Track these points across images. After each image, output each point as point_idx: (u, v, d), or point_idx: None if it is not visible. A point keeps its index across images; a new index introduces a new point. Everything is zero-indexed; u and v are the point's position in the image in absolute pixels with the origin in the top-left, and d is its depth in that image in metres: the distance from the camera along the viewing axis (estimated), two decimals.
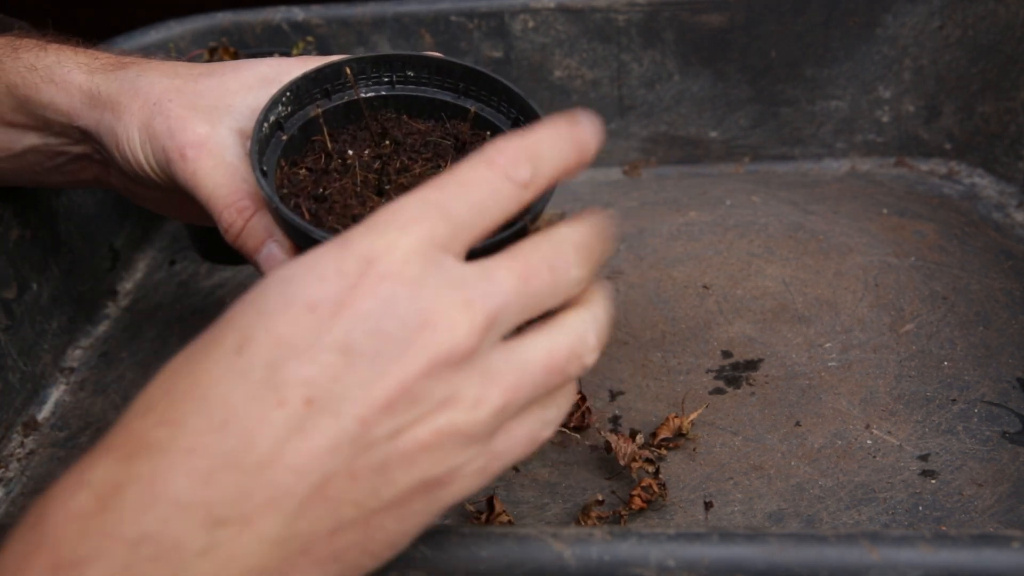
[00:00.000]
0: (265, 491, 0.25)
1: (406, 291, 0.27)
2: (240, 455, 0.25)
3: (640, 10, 0.69)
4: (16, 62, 0.44)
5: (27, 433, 0.53)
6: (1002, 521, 0.42)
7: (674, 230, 0.65)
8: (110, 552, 0.24)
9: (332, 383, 0.26)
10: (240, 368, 0.26)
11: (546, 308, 0.30)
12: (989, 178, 0.68)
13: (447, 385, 0.27)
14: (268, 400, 0.25)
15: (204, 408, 0.25)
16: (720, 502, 0.44)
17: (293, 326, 0.26)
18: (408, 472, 0.27)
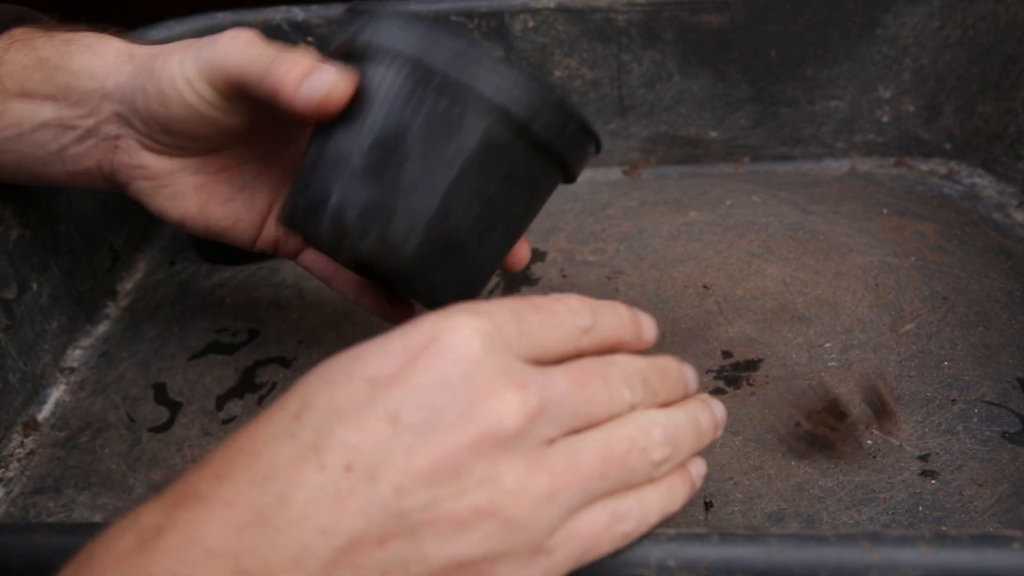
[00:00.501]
0: (291, 549, 0.25)
1: (463, 367, 0.27)
2: (273, 511, 0.25)
3: (640, 10, 0.69)
4: (51, 39, 0.44)
5: (27, 433, 0.53)
6: (1002, 521, 0.42)
7: (674, 230, 0.65)
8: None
9: (374, 449, 0.26)
10: (293, 431, 0.27)
11: (599, 420, 0.30)
12: (989, 178, 0.68)
13: (491, 464, 0.27)
14: (311, 462, 0.26)
15: (253, 464, 0.26)
16: (720, 502, 0.44)
17: (349, 395, 0.27)
18: (440, 547, 0.26)
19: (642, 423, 0.31)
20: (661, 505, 0.31)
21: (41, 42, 0.44)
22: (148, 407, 0.54)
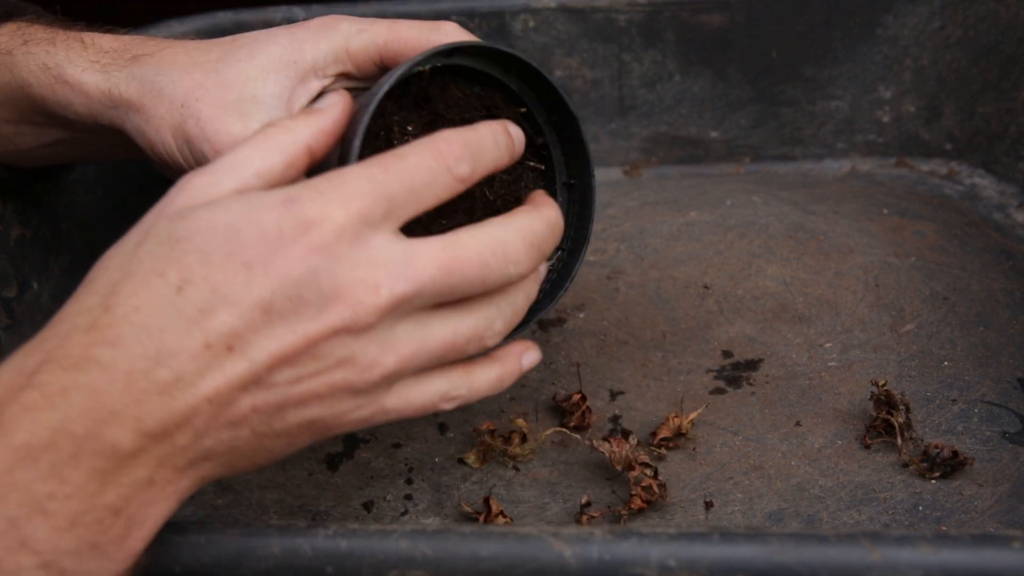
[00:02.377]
0: (184, 413, 0.30)
1: (328, 265, 0.31)
2: (168, 384, 0.30)
3: (641, 10, 0.69)
4: (27, 58, 0.43)
5: None
6: (1002, 521, 0.42)
7: (674, 230, 0.65)
8: (59, 444, 0.28)
9: (250, 334, 0.31)
10: (177, 306, 0.30)
11: (467, 296, 0.34)
12: (990, 178, 0.68)
13: (345, 349, 0.32)
14: (197, 340, 0.30)
15: (142, 337, 0.30)
16: (720, 502, 0.44)
17: (229, 279, 0.31)
18: (299, 413, 0.32)
19: (491, 314, 0.35)
20: (488, 388, 0.37)
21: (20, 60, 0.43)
22: None
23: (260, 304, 0.31)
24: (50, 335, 0.31)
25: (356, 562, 0.32)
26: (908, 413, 0.46)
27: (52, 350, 0.30)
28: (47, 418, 0.28)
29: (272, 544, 0.32)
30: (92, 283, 0.32)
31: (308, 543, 0.32)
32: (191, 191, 0.33)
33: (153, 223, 0.32)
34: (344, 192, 0.32)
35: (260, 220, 0.31)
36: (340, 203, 0.31)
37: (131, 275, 0.31)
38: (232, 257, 0.31)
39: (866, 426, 0.48)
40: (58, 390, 0.29)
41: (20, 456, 0.28)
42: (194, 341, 0.30)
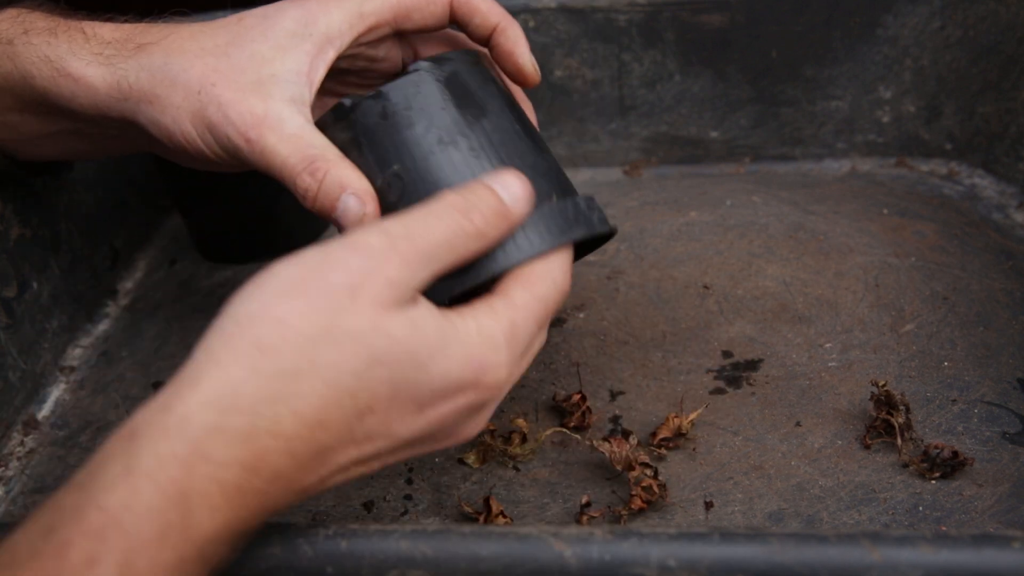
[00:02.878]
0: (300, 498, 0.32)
1: (469, 415, 0.36)
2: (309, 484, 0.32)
3: (641, 10, 0.69)
4: (28, 48, 0.42)
5: (27, 432, 0.53)
6: (1002, 521, 0.42)
7: (674, 230, 0.65)
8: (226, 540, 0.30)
9: (388, 455, 0.34)
10: (352, 429, 0.32)
11: None
12: (989, 178, 0.68)
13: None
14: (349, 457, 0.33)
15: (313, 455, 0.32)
16: (720, 502, 0.44)
17: (402, 419, 0.33)
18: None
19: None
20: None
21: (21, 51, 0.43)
22: None
23: (408, 439, 0.34)
24: (233, 422, 0.30)
25: (356, 562, 0.32)
26: (908, 413, 0.46)
27: (237, 442, 0.30)
28: (224, 518, 0.29)
29: (272, 544, 0.32)
30: (281, 371, 0.31)
31: (308, 543, 0.32)
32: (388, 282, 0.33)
33: (355, 319, 0.32)
34: (517, 353, 0.36)
35: (449, 373, 0.33)
36: (510, 371, 0.35)
37: (329, 385, 0.31)
38: (414, 401, 0.33)
39: (866, 426, 0.48)
40: (235, 491, 0.29)
41: (196, 554, 0.28)
42: (347, 458, 0.32)
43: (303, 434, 0.30)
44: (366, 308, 0.32)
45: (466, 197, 0.35)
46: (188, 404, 0.29)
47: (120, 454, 0.29)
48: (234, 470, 0.29)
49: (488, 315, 0.35)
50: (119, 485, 0.28)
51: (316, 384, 0.31)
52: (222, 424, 0.29)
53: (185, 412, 0.29)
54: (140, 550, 0.27)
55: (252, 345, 0.31)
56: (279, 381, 0.30)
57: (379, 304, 0.32)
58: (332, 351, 0.31)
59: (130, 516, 0.27)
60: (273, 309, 0.31)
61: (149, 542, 0.27)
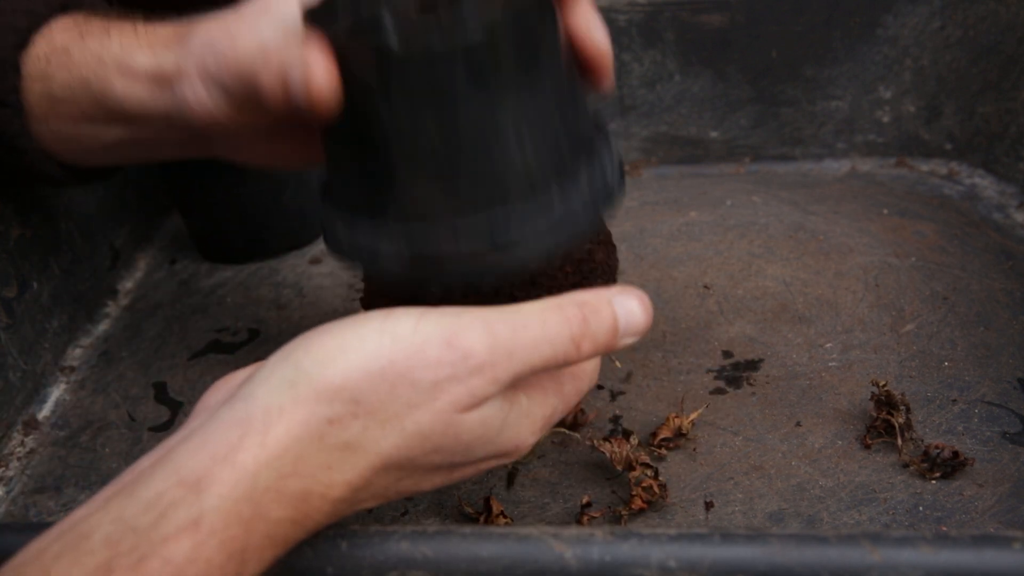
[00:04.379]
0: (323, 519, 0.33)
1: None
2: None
3: (641, 10, 0.69)
4: (85, 53, 0.43)
5: (27, 432, 0.53)
6: (1003, 522, 0.42)
7: (674, 230, 0.65)
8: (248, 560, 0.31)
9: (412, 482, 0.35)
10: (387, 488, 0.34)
11: None
12: (989, 178, 0.68)
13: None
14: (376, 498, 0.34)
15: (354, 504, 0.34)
16: (721, 502, 0.44)
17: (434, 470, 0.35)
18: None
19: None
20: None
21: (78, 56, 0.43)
22: (149, 406, 0.54)
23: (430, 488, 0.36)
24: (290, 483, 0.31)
25: (356, 562, 0.32)
26: (908, 413, 0.46)
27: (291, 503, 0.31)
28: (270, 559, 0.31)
29: None
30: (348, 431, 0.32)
31: (308, 543, 0.32)
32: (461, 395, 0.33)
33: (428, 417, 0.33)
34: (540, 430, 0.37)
35: (490, 452, 0.35)
36: (532, 437, 0.37)
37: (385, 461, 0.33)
38: (451, 468, 0.35)
39: (866, 426, 0.48)
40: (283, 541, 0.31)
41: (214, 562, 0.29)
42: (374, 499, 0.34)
43: (347, 496, 0.32)
44: (442, 410, 0.33)
45: (588, 319, 0.35)
46: (256, 459, 0.30)
47: (183, 504, 0.29)
48: (285, 526, 0.31)
49: (540, 402, 0.37)
50: (184, 539, 0.29)
51: (372, 459, 0.32)
52: (281, 487, 0.31)
53: (253, 470, 0.30)
54: None
55: (324, 412, 0.32)
56: (340, 452, 0.32)
57: (455, 408, 0.33)
58: (396, 438, 0.32)
59: (193, 569, 0.28)
60: (350, 380, 0.32)
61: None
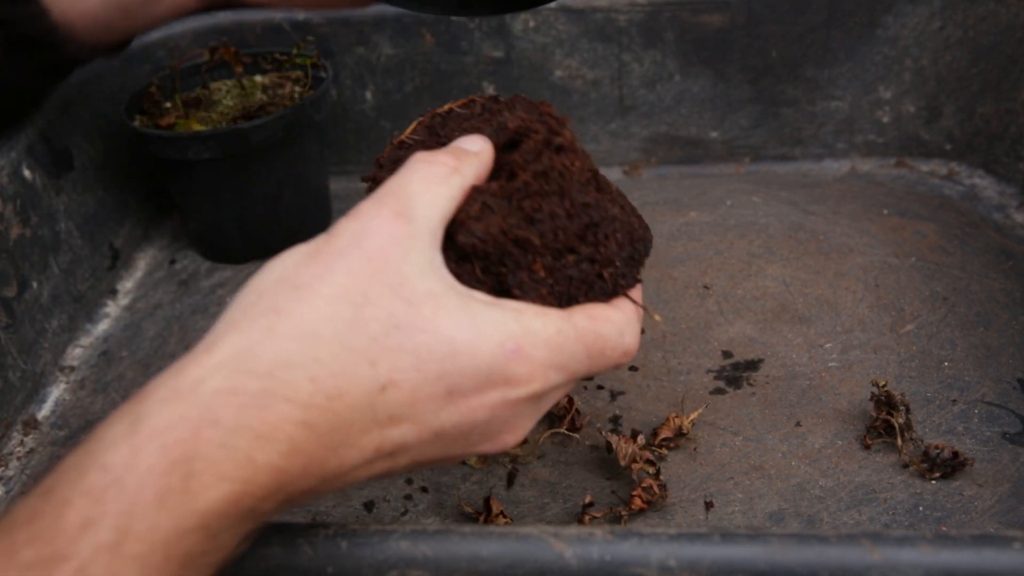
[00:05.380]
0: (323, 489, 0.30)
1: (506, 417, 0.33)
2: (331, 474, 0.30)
3: (641, 10, 0.69)
4: None
5: (27, 432, 0.53)
6: (1002, 522, 0.42)
7: (674, 230, 0.65)
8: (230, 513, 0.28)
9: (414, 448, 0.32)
10: (374, 405, 0.30)
11: None
12: (989, 179, 0.68)
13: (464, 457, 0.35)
14: (373, 442, 0.30)
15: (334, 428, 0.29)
16: (721, 502, 0.44)
17: (429, 400, 0.31)
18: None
19: None
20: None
21: None
22: None
23: (439, 430, 0.32)
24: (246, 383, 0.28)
25: (356, 562, 0.32)
26: (908, 413, 0.46)
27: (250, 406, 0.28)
28: (230, 489, 0.27)
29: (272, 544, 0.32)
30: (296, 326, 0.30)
31: (308, 543, 0.32)
32: (400, 245, 0.32)
33: (371, 285, 0.31)
34: (556, 364, 0.33)
35: (478, 352, 0.31)
36: (545, 374, 0.33)
37: (346, 348, 0.30)
38: (441, 379, 0.31)
39: (866, 426, 0.48)
40: (245, 460, 0.27)
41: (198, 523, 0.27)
42: (371, 442, 0.30)
43: (320, 403, 0.29)
44: (387, 273, 0.31)
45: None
46: (202, 366, 0.28)
47: (127, 414, 0.27)
48: (246, 437, 0.27)
49: (537, 314, 0.33)
50: (122, 444, 0.27)
51: (333, 346, 0.29)
52: (235, 387, 0.28)
53: (198, 375, 0.28)
54: (138, 513, 0.26)
55: (270, 308, 0.30)
56: (296, 342, 0.29)
57: (404, 273, 0.31)
58: (348, 311, 0.30)
59: (131, 476, 0.26)
60: (294, 276, 0.31)
61: (148, 504, 0.26)
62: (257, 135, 0.60)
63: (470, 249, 0.33)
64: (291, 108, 0.61)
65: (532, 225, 0.34)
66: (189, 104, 0.65)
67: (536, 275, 0.34)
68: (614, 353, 0.35)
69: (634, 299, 0.37)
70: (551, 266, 0.35)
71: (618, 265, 0.36)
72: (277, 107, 0.63)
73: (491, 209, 0.34)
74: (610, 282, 0.36)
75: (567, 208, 0.35)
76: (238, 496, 0.27)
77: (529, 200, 0.35)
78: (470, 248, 0.33)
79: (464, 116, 0.39)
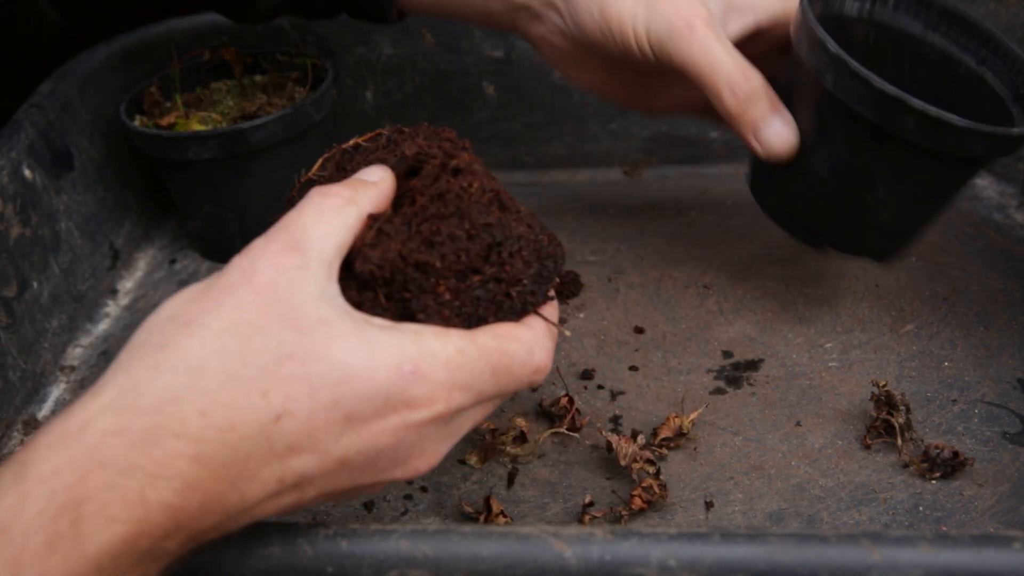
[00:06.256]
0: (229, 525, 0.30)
1: (413, 441, 0.32)
2: (234, 509, 0.30)
3: None
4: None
5: (27, 432, 0.53)
6: (1002, 521, 0.42)
7: (674, 230, 0.65)
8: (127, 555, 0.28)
9: (319, 478, 0.31)
10: (270, 436, 0.30)
11: None
12: (989, 179, 0.68)
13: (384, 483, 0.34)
14: (274, 474, 0.30)
15: (229, 461, 0.29)
16: (721, 502, 0.44)
17: (326, 427, 0.30)
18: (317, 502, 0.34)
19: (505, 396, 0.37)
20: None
21: None
22: None
23: (342, 458, 0.31)
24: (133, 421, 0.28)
25: (356, 562, 0.32)
26: (908, 413, 0.46)
27: (138, 443, 0.27)
28: (123, 530, 0.27)
29: (272, 544, 0.32)
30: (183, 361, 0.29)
31: (308, 543, 0.32)
32: (289, 276, 0.31)
33: (260, 317, 0.30)
34: (459, 384, 0.33)
35: (374, 376, 0.31)
36: (447, 395, 0.32)
37: (234, 379, 0.29)
38: (337, 405, 0.30)
39: (866, 426, 0.48)
40: (138, 500, 0.27)
41: (91, 567, 0.26)
42: (271, 474, 0.30)
43: (212, 436, 0.28)
44: (276, 304, 0.31)
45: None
46: (88, 409, 0.28)
47: (15, 462, 0.27)
48: (136, 477, 0.27)
49: (436, 335, 0.33)
50: (9, 493, 0.26)
51: (221, 378, 0.29)
52: (121, 426, 0.27)
53: (85, 417, 0.28)
54: (26, 562, 0.25)
55: (157, 346, 0.30)
56: (183, 376, 0.29)
57: (294, 303, 0.31)
58: (237, 343, 0.30)
59: (18, 524, 0.26)
60: (183, 313, 0.31)
61: (37, 551, 0.25)
62: (257, 135, 0.60)
63: (368, 276, 0.34)
64: (291, 108, 0.61)
65: (432, 248, 0.35)
66: (189, 104, 0.65)
67: (441, 298, 0.34)
68: (523, 370, 0.35)
69: (545, 316, 0.37)
70: (455, 288, 0.35)
71: (526, 283, 0.36)
72: (277, 107, 0.63)
73: (388, 235, 0.34)
74: (518, 301, 0.36)
75: (467, 229, 0.35)
76: (133, 536, 0.27)
77: (427, 223, 0.35)
78: (368, 275, 0.34)
79: (370, 149, 0.40)
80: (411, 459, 0.33)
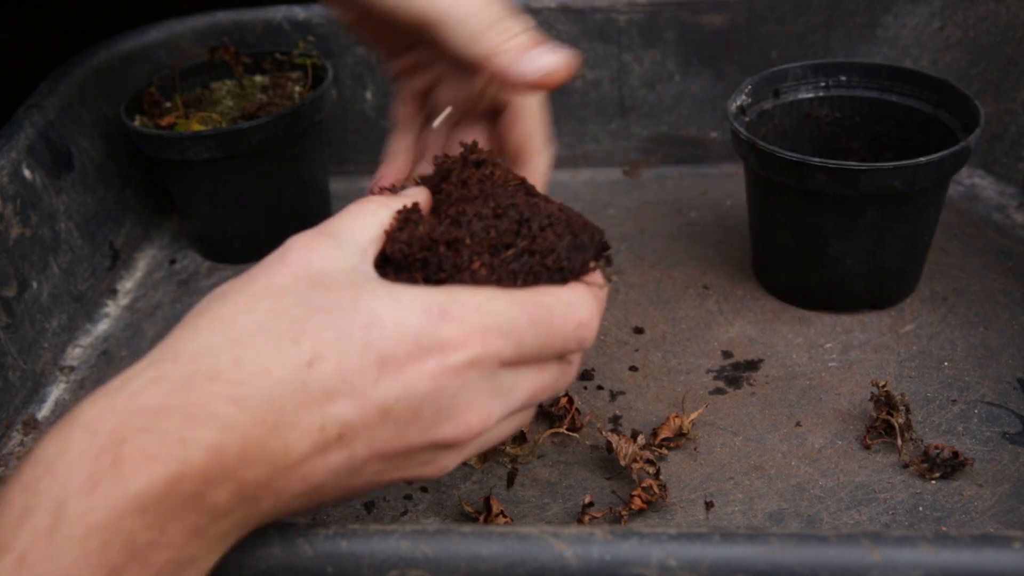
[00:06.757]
0: (280, 484, 0.30)
1: (454, 388, 0.32)
2: (276, 455, 0.30)
3: (641, 10, 0.69)
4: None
5: (27, 432, 0.53)
6: (1002, 522, 0.42)
7: (674, 230, 0.66)
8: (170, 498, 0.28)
9: (363, 430, 0.31)
10: (305, 381, 0.30)
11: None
12: (989, 179, 0.68)
13: (435, 455, 0.33)
14: (314, 421, 0.30)
15: (266, 405, 0.29)
16: (721, 502, 0.44)
17: (360, 370, 0.31)
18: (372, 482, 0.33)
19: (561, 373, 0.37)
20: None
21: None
22: None
23: (381, 405, 0.31)
24: (171, 371, 0.29)
25: (356, 562, 0.32)
26: (908, 414, 0.46)
27: (175, 389, 0.29)
28: (164, 471, 0.27)
29: (272, 544, 0.32)
30: (217, 319, 0.31)
31: (308, 543, 0.32)
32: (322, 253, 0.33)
33: (292, 281, 0.32)
34: (493, 328, 0.32)
35: (404, 319, 0.31)
36: (482, 338, 0.32)
37: (265, 330, 0.30)
38: (369, 348, 0.31)
39: (866, 426, 0.48)
40: (177, 440, 0.28)
41: (133, 506, 0.27)
42: (311, 421, 0.30)
43: (245, 379, 0.29)
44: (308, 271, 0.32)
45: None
46: (132, 369, 0.30)
47: (61, 420, 0.29)
48: (174, 419, 0.28)
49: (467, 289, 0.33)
50: (54, 438, 0.28)
51: (252, 329, 0.30)
52: (159, 376, 0.29)
53: (127, 375, 0.30)
54: (71, 497, 0.26)
55: (195, 314, 0.32)
56: (217, 333, 0.30)
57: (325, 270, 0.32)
58: (268, 302, 0.31)
59: (62, 463, 0.27)
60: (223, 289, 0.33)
61: (79, 489, 0.27)
62: (257, 135, 0.60)
63: (400, 256, 0.35)
64: (291, 108, 0.61)
65: (460, 227, 0.35)
66: (189, 104, 0.65)
67: (477, 274, 0.35)
68: (564, 323, 0.34)
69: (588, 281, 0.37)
70: (490, 263, 0.35)
71: (561, 253, 0.36)
72: (277, 107, 0.63)
73: (415, 223, 0.36)
74: (555, 270, 0.36)
75: (493, 208, 0.36)
76: (174, 477, 0.27)
77: (453, 207, 0.36)
78: (399, 255, 0.35)
79: None
80: (457, 412, 0.32)
